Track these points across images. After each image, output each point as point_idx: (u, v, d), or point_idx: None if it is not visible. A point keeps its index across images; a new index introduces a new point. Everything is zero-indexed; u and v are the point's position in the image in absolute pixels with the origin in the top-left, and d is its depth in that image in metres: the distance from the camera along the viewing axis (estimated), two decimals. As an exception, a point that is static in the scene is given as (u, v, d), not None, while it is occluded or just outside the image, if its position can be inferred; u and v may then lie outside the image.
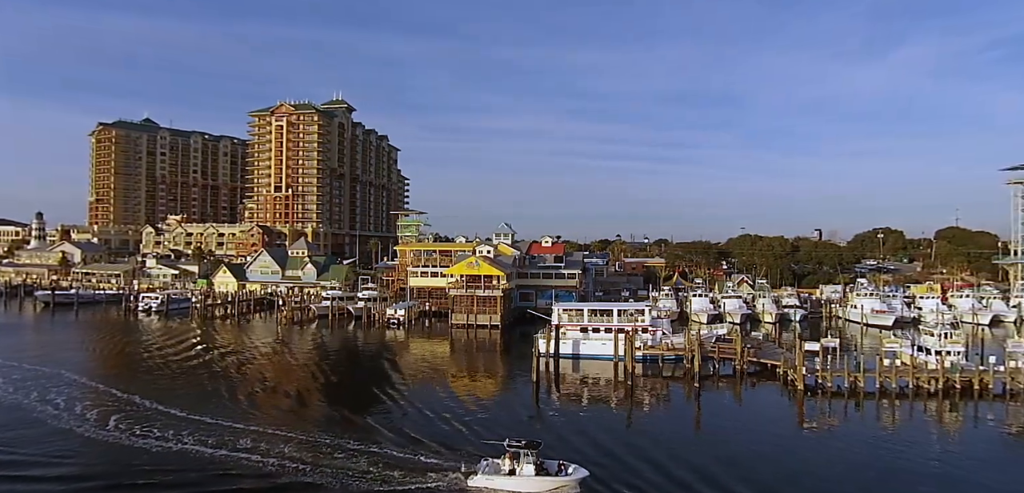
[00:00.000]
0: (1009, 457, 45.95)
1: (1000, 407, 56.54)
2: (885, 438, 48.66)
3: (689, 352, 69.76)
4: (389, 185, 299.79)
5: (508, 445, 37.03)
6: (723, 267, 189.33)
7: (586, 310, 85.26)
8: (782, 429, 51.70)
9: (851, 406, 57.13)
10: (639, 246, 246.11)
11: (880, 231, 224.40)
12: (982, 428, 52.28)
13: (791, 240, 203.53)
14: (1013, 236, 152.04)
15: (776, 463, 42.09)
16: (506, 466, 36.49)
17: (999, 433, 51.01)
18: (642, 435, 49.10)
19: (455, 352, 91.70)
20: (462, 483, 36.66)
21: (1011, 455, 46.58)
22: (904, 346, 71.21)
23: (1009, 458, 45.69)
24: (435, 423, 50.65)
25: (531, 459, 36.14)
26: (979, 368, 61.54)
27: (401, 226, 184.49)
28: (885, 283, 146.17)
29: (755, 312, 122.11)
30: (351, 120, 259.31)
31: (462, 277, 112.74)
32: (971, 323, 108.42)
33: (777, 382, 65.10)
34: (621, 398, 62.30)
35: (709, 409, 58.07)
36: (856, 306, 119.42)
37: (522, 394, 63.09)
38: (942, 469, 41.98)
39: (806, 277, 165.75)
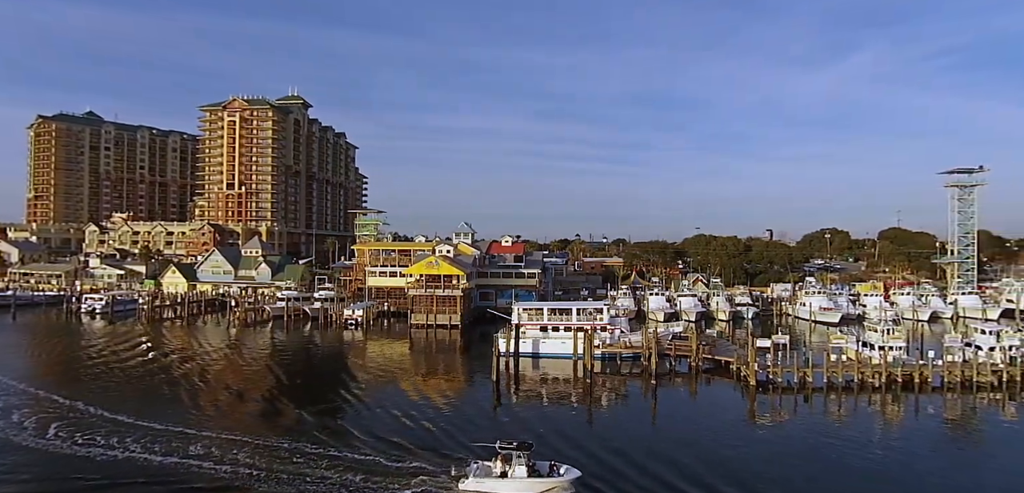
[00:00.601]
0: (947, 446, 48.32)
1: (938, 399, 59.40)
2: (833, 430, 50.55)
3: (646, 350, 70.97)
4: (347, 183, 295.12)
5: (500, 447, 36.49)
6: (679, 266, 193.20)
7: (546, 309, 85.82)
8: (735, 424, 53.09)
9: (800, 400, 59.11)
10: (598, 246, 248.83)
11: (827, 231, 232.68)
12: (922, 419, 54.81)
13: (744, 240, 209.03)
14: (950, 236, 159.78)
15: (729, 457, 43.18)
16: (497, 468, 35.99)
17: (937, 423, 53.61)
18: (601, 432, 49.69)
19: (415, 352, 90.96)
20: (452, 487, 36.06)
21: (948, 444, 49.00)
22: (850, 342, 73.98)
23: (947, 447, 48.06)
24: (396, 424, 50.12)
25: (523, 460, 35.75)
26: (919, 362, 64.53)
27: (359, 225, 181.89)
28: (832, 282, 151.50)
29: (710, 310, 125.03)
30: (307, 117, 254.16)
31: (421, 277, 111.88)
32: (912, 319, 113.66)
33: (731, 378, 66.84)
34: (580, 396, 62.92)
35: (666, 405, 59.21)
36: (805, 304, 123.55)
37: (482, 393, 63.05)
38: (885, 459, 43.86)
39: (758, 276, 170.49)
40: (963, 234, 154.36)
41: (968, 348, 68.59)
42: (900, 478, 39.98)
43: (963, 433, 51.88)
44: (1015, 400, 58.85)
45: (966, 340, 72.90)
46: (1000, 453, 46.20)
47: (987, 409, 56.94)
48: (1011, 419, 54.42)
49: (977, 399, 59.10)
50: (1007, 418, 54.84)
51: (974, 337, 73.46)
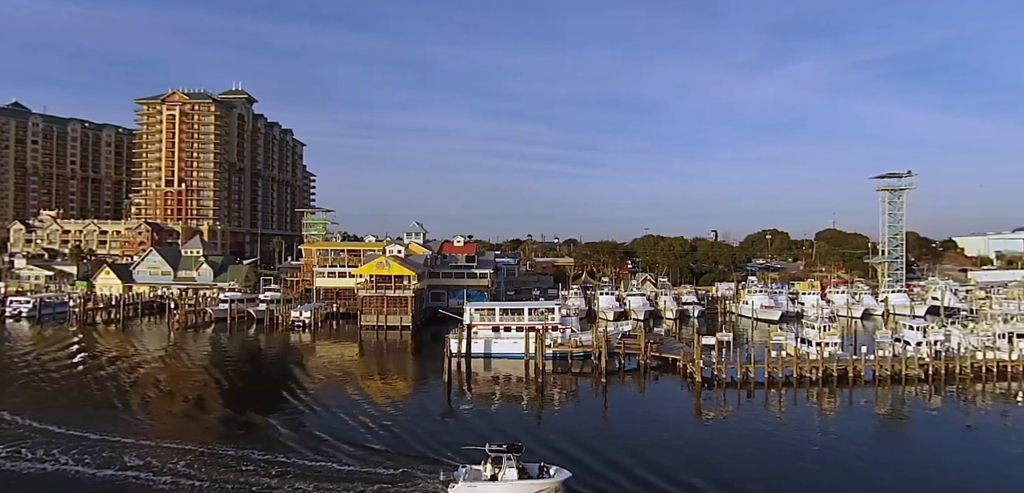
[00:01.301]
0: (878, 436, 50.86)
1: (871, 391, 62.53)
2: (774, 423, 52.56)
3: (596, 349, 72.03)
4: (294, 181, 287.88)
5: (489, 450, 35.95)
6: (629, 266, 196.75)
7: (498, 309, 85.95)
8: (682, 419, 54.52)
9: (743, 395, 61.17)
10: (549, 246, 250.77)
11: (768, 232, 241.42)
12: (856, 411, 57.55)
13: (690, 240, 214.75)
14: (881, 237, 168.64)
15: (676, 451, 44.29)
16: (487, 471, 35.49)
17: (870, 415, 56.41)
18: (553, 431, 50.11)
19: (365, 354, 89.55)
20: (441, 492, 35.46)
21: (880, 434, 51.59)
22: (789, 339, 76.88)
23: (878, 437, 50.57)
24: (347, 427, 49.24)
25: (513, 463, 35.42)
26: (853, 357, 67.83)
27: (307, 224, 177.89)
28: (772, 281, 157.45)
29: (658, 309, 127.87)
30: (252, 112, 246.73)
31: (372, 277, 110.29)
32: (846, 316, 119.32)
33: (677, 375, 68.56)
34: (532, 395, 63.31)
35: (615, 402, 60.24)
36: (747, 302, 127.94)
37: (434, 394, 62.66)
38: (822, 449, 45.88)
39: (703, 275, 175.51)
40: (893, 235, 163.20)
41: (897, 343, 72.42)
42: (836, 467, 41.87)
43: (893, 423, 54.73)
44: (940, 392, 62.51)
45: (895, 336, 76.84)
46: (927, 441, 48.97)
47: (915, 400, 60.23)
48: (936, 409, 57.77)
49: (905, 391, 62.50)
50: (933, 408, 58.18)
51: (903, 333, 77.55)
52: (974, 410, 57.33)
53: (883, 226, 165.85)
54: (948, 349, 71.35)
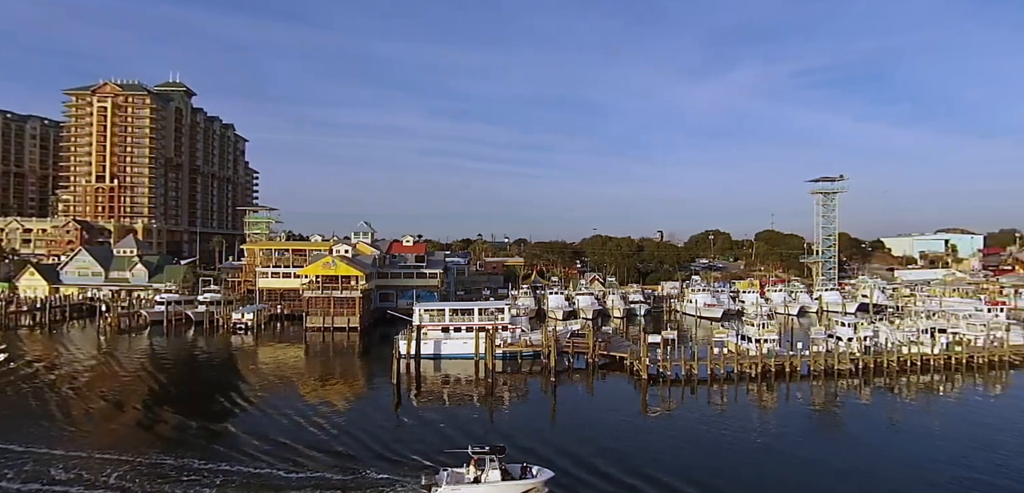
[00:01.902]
0: (813, 428, 53.29)
1: (806, 386, 65.42)
2: (715, 418, 54.30)
3: (546, 348, 72.71)
4: (235, 179, 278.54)
5: (472, 451, 35.81)
6: (578, 266, 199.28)
7: (447, 310, 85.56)
8: (629, 415, 55.65)
9: (688, 391, 62.94)
10: (499, 246, 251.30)
11: (711, 233, 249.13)
12: (792, 404, 60.10)
13: (637, 241, 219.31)
14: (816, 238, 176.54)
15: (623, 447, 45.16)
16: (470, 474, 35.38)
17: (805, 408, 59.02)
18: (504, 430, 50.27)
19: (311, 357, 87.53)
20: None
21: (815, 426, 54.03)
22: (730, 336, 79.48)
23: (813, 429, 52.99)
24: (292, 431, 48.04)
25: (496, 464, 35.37)
26: (790, 353, 70.82)
27: (249, 223, 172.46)
28: (715, 280, 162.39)
29: (606, 308, 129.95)
30: (191, 105, 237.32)
31: (318, 278, 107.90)
32: (783, 314, 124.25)
33: (625, 372, 69.91)
34: (482, 395, 63.35)
35: (565, 401, 60.94)
36: (691, 301, 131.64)
37: (383, 396, 61.87)
38: (762, 441, 47.73)
39: (649, 275, 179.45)
40: (826, 236, 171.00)
41: (830, 339, 76.06)
42: (773, 459, 43.67)
43: (826, 415, 57.39)
44: (869, 385, 65.95)
45: (829, 332, 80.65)
46: (857, 431, 51.49)
47: (846, 393, 63.35)
48: (866, 401, 60.92)
49: (838, 385, 65.67)
50: (863, 400, 61.33)
51: (835, 329, 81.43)
52: (900, 402, 60.74)
53: (817, 227, 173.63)
54: (876, 344, 75.29)
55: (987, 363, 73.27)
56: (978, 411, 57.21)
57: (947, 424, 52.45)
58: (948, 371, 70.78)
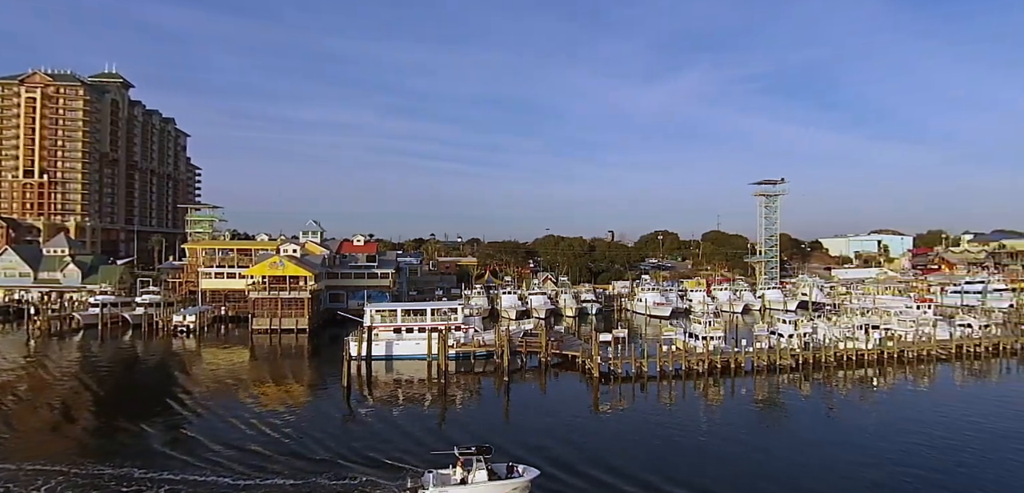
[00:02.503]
0: (757, 421, 55.09)
1: (750, 381, 67.65)
2: (665, 413, 55.60)
3: (499, 347, 72.83)
4: (176, 175, 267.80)
5: (458, 452, 35.64)
6: (530, 266, 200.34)
7: (399, 310, 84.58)
8: (581, 413, 56.29)
9: (638, 388, 64.17)
10: (453, 245, 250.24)
11: (660, 233, 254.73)
12: (737, 399, 62.03)
13: (589, 241, 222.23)
14: (759, 238, 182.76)
15: (575, 443, 45.67)
16: (457, 475, 35.11)
17: (750, 402, 61.00)
18: (456, 430, 50.06)
19: (257, 359, 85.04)
20: None
21: (759, 419, 55.88)
22: (678, 333, 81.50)
23: (757, 421, 54.79)
24: (239, 436, 46.57)
25: (483, 465, 35.25)
26: (735, 350, 73.09)
27: (192, 221, 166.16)
28: (664, 279, 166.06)
29: (558, 307, 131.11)
30: (128, 98, 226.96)
31: (264, 278, 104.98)
32: (729, 312, 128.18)
33: (577, 371, 70.75)
34: (435, 396, 62.92)
35: (517, 400, 61.15)
36: (641, 300, 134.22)
37: (334, 399, 60.67)
38: (709, 435, 49.10)
39: (601, 274, 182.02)
40: (769, 237, 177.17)
41: (772, 336, 78.90)
42: (719, 451, 44.98)
43: (769, 408, 59.47)
44: (809, 379, 68.71)
45: (771, 329, 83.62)
46: (798, 423, 53.65)
47: (787, 387, 65.81)
48: (806, 394, 63.45)
49: (780, 379, 68.17)
50: (803, 394, 63.83)
51: (777, 326, 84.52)
52: (837, 395, 63.51)
53: (760, 228, 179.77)
54: (815, 340, 78.64)
55: (916, 357, 77.47)
56: (908, 402, 60.42)
57: (881, 415, 55.13)
58: (881, 365, 74.48)
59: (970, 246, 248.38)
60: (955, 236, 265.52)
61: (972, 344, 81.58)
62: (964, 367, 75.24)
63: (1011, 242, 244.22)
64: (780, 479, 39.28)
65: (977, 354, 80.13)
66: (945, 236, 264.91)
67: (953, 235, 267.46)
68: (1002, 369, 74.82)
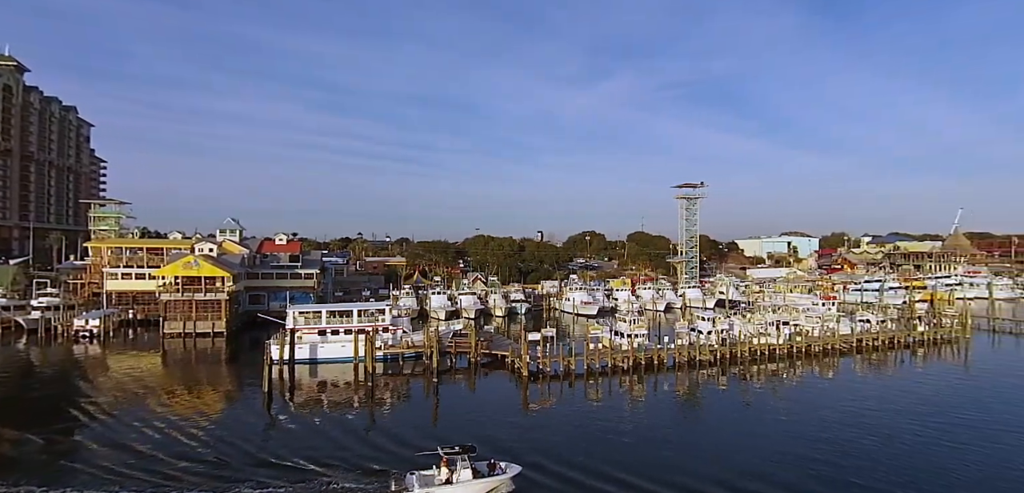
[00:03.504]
0: (679, 414, 57.20)
1: (672, 376, 70.15)
2: (592, 410, 56.77)
3: (428, 348, 72.16)
4: (78, 168, 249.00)
5: (442, 452, 36.11)
6: (460, 265, 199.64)
7: (324, 312, 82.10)
8: (510, 412, 56.63)
9: (566, 386, 65.23)
10: (381, 245, 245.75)
11: (587, 234, 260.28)
12: (660, 393, 64.15)
13: (518, 241, 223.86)
14: (680, 239, 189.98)
15: (503, 441, 45.78)
16: (442, 475, 35.53)
17: (672, 396, 63.21)
18: (383, 432, 49.20)
19: (169, 366, 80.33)
20: None
21: (680, 412, 58.00)
22: (605, 332, 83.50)
23: (679, 415, 56.89)
24: (150, 445, 43.81)
25: (467, 464, 35.79)
26: (657, 346, 75.66)
27: (96, 218, 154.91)
28: (591, 279, 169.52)
29: (488, 307, 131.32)
30: (23, 83, 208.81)
31: (177, 279, 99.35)
32: (652, 310, 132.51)
33: (506, 370, 71.11)
34: (362, 399, 61.54)
35: (447, 400, 60.79)
36: (569, 299, 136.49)
37: (253, 405, 58.20)
38: (634, 429, 50.48)
39: (530, 274, 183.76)
40: (689, 238, 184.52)
41: (692, 333, 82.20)
42: (644, 442, 46.39)
43: (690, 402, 61.86)
44: (726, 373, 72.02)
45: (691, 326, 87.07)
46: (716, 415, 56.07)
47: (706, 381, 68.71)
48: (723, 388, 66.45)
49: (699, 374, 71.10)
50: (720, 387, 66.81)
51: (696, 323, 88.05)
52: (751, 387, 66.89)
53: (681, 230, 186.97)
54: (732, 336, 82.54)
55: (822, 351, 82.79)
56: (815, 392, 64.46)
57: (791, 404, 58.53)
58: (791, 358, 79.11)
59: (869, 247, 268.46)
60: (856, 238, 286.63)
61: (870, 338, 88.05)
62: (863, 359, 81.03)
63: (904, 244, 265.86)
64: (700, 467, 40.91)
65: (875, 347, 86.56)
66: (847, 238, 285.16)
67: (854, 237, 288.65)
68: (896, 360, 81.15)
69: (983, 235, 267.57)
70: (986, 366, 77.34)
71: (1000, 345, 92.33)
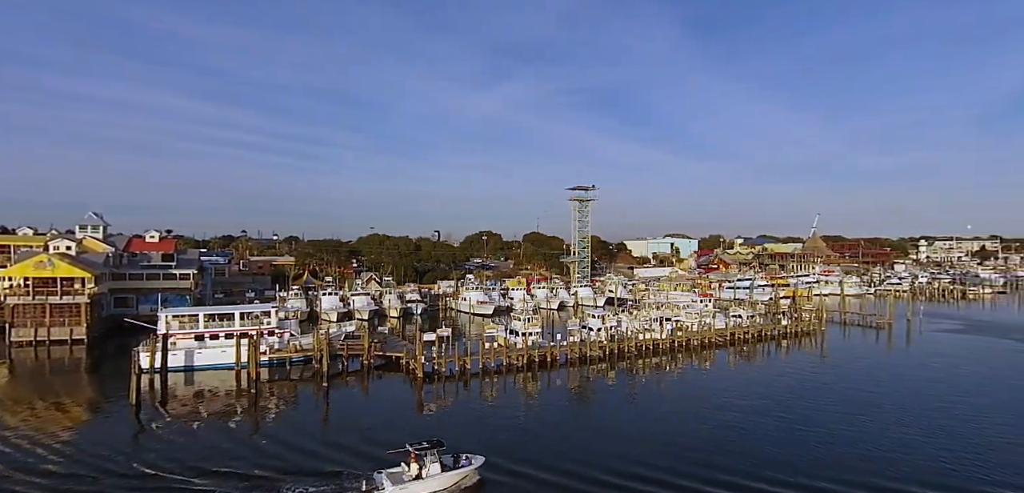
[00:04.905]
0: (570, 408, 58.88)
1: (564, 372, 72.19)
2: (487, 409, 57.14)
3: (318, 352, 69.44)
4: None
5: (411, 447, 36.76)
6: (353, 265, 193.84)
7: (202, 315, 76.55)
8: (404, 414, 55.75)
9: (461, 386, 65.22)
10: (267, 243, 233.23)
11: (484, 234, 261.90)
12: (553, 390, 65.79)
13: (415, 240, 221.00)
14: (573, 240, 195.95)
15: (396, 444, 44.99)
16: (412, 470, 36.04)
17: (565, 392, 65.01)
18: (268, 440, 46.71)
19: (18, 377, 71.59)
20: None
21: (572, 407, 59.75)
22: (500, 331, 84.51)
23: (570, 409, 58.57)
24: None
25: (436, 457, 36.52)
26: (551, 344, 77.60)
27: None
28: (487, 278, 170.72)
29: (382, 308, 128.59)
30: None
31: (27, 280, 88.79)
32: (546, 309, 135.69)
33: (401, 372, 69.95)
34: (245, 408, 58.04)
35: (337, 405, 58.79)
36: (465, 298, 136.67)
37: (119, 419, 53.13)
38: (528, 425, 51.40)
39: (426, 274, 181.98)
40: (581, 239, 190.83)
41: (584, 330, 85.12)
42: (538, 436, 47.37)
43: (581, 396, 63.96)
44: (614, 368, 75.17)
45: (582, 324, 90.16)
46: (605, 408, 58.31)
47: (596, 376, 71.36)
48: (612, 382, 69.29)
49: (590, 370, 73.73)
50: (609, 381, 69.59)
51: (587, 321, 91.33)
52: (637, 380, 70.29)
53: (574, 230, 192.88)
54: (620, 332, 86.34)
55: (700, 344, 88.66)
56: (693, 382, 68.87)
57: (673, 395, 62.17)
58: (672, 352, 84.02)
59: (741, 249, 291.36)
60: (730, 240, 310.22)
61: (742, 332, 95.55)
62: (736, 351, 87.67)
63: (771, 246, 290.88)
64: (589, 456, 42.40)
65: (746, 340, 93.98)
66: (723, 240, 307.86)
67: (729, 239, 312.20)
68: (764, 351, 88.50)
69: (836, 238, 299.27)
70: (838, 354, 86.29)
71: (849, 336, 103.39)
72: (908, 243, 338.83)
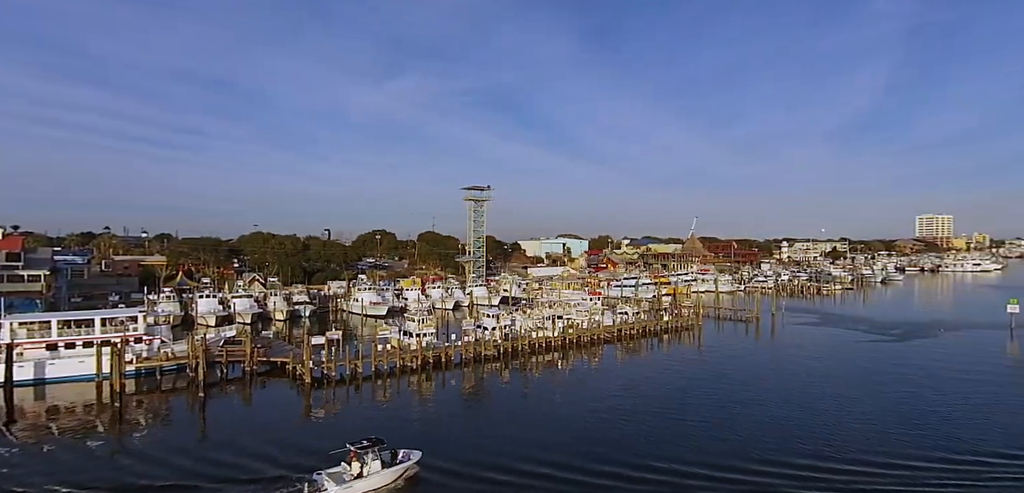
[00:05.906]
0: (465, 408, 58.88)
1: (459, 372, 72.07)
2: (379, 413, 55.82)
3: (193, 359, 64.67)
4: None
5: (351, 446, 37.01)
6: (234, 265, 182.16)
7: (55, 321, 68.84)
8: (290, 422, 53.22)
9: (352, 390, 63.25)
10: (135, 241, 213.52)
11: (378, 233, 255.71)
12: (448, 389, 65.49)
13: (303, 239, 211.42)
14: (469, 240, 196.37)
15: (278, 454, 42.89)
16: (353, 469, 36.20)
17: (459, 391, 64.92)
18: (134, 458, 42.79)
19: None
20: None
21: (466, 406, 59.74)
22: (393, 332, 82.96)
23: (465, 408, 58.57)
24: None
25: (376, 454, 36.98)
26: (445, 344, 77.21)
27: None
28: (381, 279, 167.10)
29: (267, 310, 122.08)
30: None
31: None
32: (441, 308, 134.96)
33: (287, 378, 66.72)
34: (107, 424, 52.82)
35: (216, 416, 55.08)
36: (358, 299, 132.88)
37: (-52, 442, 46.45)
38: (422, 427, 50.69)
39: (316, 274, 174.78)
40: (477, 238, 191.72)
41: (479, 329, 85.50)
42: (430, 437, 46.80)
43: (475, 396, 64.17)
44: (509, 366, 76.12)
45: (477, 323, 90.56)
46: (499, 405, 58.97)
47: (491, 375, 71.87)
48: (506, 380, 70.13)
49: (485, 369, 74.14)
50: (503, 380, 70.39)
51: (482, 320, 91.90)
52: (530, 377, 71.65)
53: (470, 230, 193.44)
54: (514, 331, 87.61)
55: (590, 340, 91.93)
56: (583, 376, 71.28)
57: (564, 390, 63.96)
58: (564, 349, 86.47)
59: (628, 249, 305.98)
60: (618, 240, 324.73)
61: (628, 328, 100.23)
62: (623, 346, 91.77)
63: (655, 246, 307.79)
64: (480, 454, 42.63)
65: (632, 335, 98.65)
66: (611, 240, 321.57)
67: (616, 239, 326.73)
68: (648, 346, 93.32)
69: (712, 239, 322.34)
70: (713, 346, 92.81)
71: (723, 329, 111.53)
72: (772, 244, 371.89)
